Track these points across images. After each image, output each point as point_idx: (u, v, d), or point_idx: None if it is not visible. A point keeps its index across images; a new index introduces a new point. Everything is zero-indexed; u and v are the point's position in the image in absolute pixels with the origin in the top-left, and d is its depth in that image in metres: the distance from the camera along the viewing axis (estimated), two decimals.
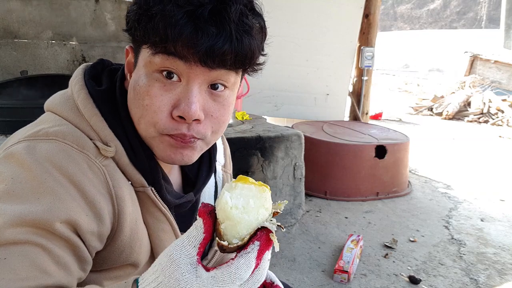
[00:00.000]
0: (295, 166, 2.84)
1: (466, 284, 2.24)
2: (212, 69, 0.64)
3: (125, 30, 0.69)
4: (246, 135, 2.65)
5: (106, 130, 0.69)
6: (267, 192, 0.54)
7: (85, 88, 0.72)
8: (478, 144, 5.87)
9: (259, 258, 0.51)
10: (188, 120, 0.65)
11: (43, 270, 0.57)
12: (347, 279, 2.17)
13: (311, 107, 4.57)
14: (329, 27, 4.36)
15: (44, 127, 0.67)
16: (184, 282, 0.49)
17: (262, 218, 0.52)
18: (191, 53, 0.61)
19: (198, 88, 0.65)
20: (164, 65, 0.64)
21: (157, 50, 0.63)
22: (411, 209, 3.27)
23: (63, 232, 0.60)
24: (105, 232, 0.67)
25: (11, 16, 3.07)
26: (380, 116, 7.50)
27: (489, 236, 2.85)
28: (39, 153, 0.63)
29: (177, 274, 0.49)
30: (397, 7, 44.75)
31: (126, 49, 0.74)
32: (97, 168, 0.66)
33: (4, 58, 3.08)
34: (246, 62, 0.65)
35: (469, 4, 41.32)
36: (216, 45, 0.60)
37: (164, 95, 0.65)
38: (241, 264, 0.50)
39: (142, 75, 0.67)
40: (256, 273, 0.52)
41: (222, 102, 0.69)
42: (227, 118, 0.72)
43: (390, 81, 13.68)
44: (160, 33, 0.61)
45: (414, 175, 4.20)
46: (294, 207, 2.89)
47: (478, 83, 9.16)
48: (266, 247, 0.52)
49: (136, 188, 0.72)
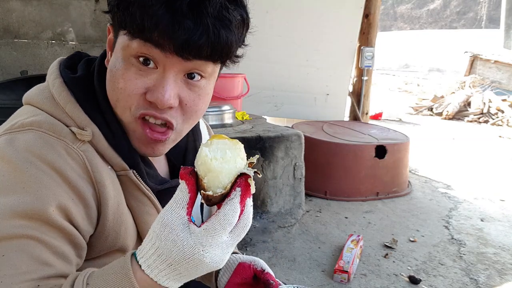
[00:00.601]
0: (295, 166, 2.84)
1: (466, 284, 2.24)
2: (188, 60, 0.64)
3: (105, 12, 0.69)
4: (246, 135, 2.65)
5: (81, 115, 0.69)
6: (240, 144, 0.58)
7: (59, 77, 0.72)
8: (478, 144, 5.87)
9: (242, 203, 0.54)
10: (160, 107, 0.65)
11: (43, 262, 0.58)
12: (347, 279, 2.17)
13: (311, 107, 4.57)
14: (329, 27, 4.36)
15: (19, 119, 0.67)
16: (180, 241, 0.52)
17: (240, 166, 0.56)
18: (167, 43, 0.61)
19: (174, 77, 0.66)
20: (141, 51, 0.64)
21: (134, 35, 0.63)
22: (411, 209, 3.27)
23: (57, 221, 0.60)
24: (93, 215, 0.68)
25: (11, 16, 3.07)
26: (380, 116, 7.50)
27: (489, 236, 2.85)
28: (17, 144, 0.63)
29: (172, 235, 0.53)
30: (397, 7, 44.75)
31: (108, 27, 0.73)
32: (75, 154, 0.66)
33: (4, 58, 3.08)
34: (223, 55, 0.65)
35: (469, 4, 41.32)
36: (192, 38, 0.60)
37: (139, 79, 0.65)
38: (227, 210, 0.53)
39: (119, 58, 0.67)
40: (243, 218, 0.55)
41: (197, 92, 0.69)
42: (201, 108, 0.72)
43: (390, 81, 13.68)
44: (137, 21, 0.61)
45: (414, 175, 4.20)
46: (294, 207, 2.89)
47: (478, 83, 9.16)
48: (247, 191, 0.55)
49: (118, 172, 0.72)
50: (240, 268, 0.84)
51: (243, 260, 0.85)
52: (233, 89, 3.28)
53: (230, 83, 3.26)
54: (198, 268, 0.54)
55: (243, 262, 0.85)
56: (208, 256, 0.53)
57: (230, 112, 2.88)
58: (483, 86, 9.00)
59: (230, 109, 2.90)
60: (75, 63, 0.78)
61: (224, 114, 2.84)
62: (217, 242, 0.53)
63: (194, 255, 0.52)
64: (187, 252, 0.52)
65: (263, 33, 4.08)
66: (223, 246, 0.54)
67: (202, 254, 0.52)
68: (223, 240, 0.54)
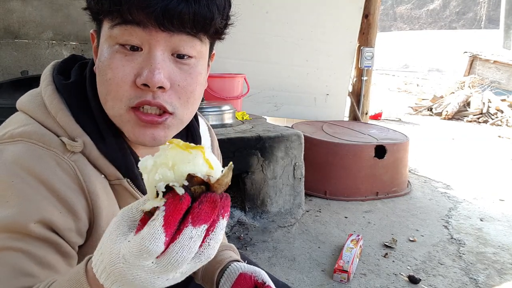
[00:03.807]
0: (295, 166, 2.85)
1: (466, 284, 2.25)
2: (172, 32, 0.62)
3: (84, 9, 0.68)
4: (246, 135, 2.65)
5: (72, 125, 0.67)
6: (195, 152, 0.45)
7: (52, 83, 0.71)
8: (478, 144, 5.88)
9: (168, 226, 0.41)
10: (152, 87, 0.63)
11: (26, 273, 0.57)
12: (346, 278, 2.18)
13: (311, 107, 4.58)
14: (329, 27, 4.36)
15: (9, 129, 0.66)
16: (114, 244, 0.44)
17: (170, 177, 0.43)
18: (146, 16, 0.60)
19: (161, 55, 0.63)
20: (123, 37, 0.62)
21: (114, 21, 0.62)
22: (411, 209, 3.28)
23: (39, 232, 0.59)
24: (83, 227, 0.66)
25: (12, 16, 3.08)
26: (379, 116, 7.51)
27: (489, 236, 2.85)
28: (5, 156, 0.62)
29: (114, 235, 0.45)
30: (396, 8, 44.75)
31: (91, 33, 0.72)
32: (66, 164, 0.65)
33: (5, 58, 3.08)
34: (206, 24, 0.63)
35: (468, 4, 41.33)
36: (171, 4, 0.59)
37: (126, 65, 0.63)
38: (144, 233, 0.41)
39: (104, 51, 0.65)
40: (172, 249, 0.42)
41: (188, 71, 0.67)
42: (196, 89, 0.69)
43: (389, 81, 13.70)
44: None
45: (414, 175, 4.20)
46: (294, 206, 2.89)
47: (478, 83, 9.17)
48: (175, 211, 0.41)
49: (112, 181, 0.70)
50: (241, 279, 0.83)
51: (244, 270, 0.85)
52: (233, 89, 3.29)
53: (230, 83, 3.27)
54: (124, 279, 0.44)
55: (244, 273, 0.84)
56: (129, 273, 0.43)
57: (230, 112, 2.89)
58: (482, 86, 9.01)
59: (230, 109, 2.90)
60: (70, 67, 0.77)
61: (224, 114, 2.84)
62: (138, 263, 0.42)
63: (117, 266, 0.44)
64: (114, 259, 0.44)
65: (263, 33, 4.09)
66: (146, 271, 0.43)
67: (124, 269, 0.43)
68: (145, 264, 0.42)
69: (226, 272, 0.87)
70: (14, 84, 2.68)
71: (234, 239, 2.58)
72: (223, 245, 0.98)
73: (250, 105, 4.02)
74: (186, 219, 0.42)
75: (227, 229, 2.61)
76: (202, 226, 0.42)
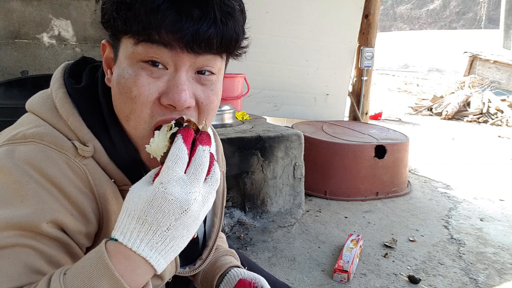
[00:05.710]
0: (295, 166, 2.85)
1: (466, 284, 2.25)
2: (199, 54, 0.62)
3: (101, 23, 0.66)
4: (246, 135, 2.65)
5: (83, 130, 0.68)
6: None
7: (63, 87, 0.71)
8: (478, 144, 5.88)
9: (186, 142, 0.57)
10: (178, 108, 0.64)
11: (35, 270, 0.57)
12: (346, 278, 2.18)
13: (311, 107, 4.58)
14: (329, 27, 4.37)
15: (22, 129, 0.66)
16: (143, 191, 0.56)
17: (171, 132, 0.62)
18: (175, 40, 0.60)
19: (186, 75, 0.64)
20: (148, 55, 0.62)
21: (140, 39, 0.61)
22: (411, 209, 3.28)
23: (51, 232, 0.60)
24: (92, 230, 0.67)
25: (12, 16, 3.08)
26: (379, 116, 7.51)
27: (489, 236, 2.85)
28: (18, 156, 0.62)
29: (137, 191, 0.57)
30: (396, 8, 44.73)
31: (102, 44, 0.71)
32: (77, 168, 0.65)
33: (5, 58, 3.08)
34: (231, 45, 0.64)
35: (468, 4, 41.32)
36: (202, 29, 0.59)
37: (152, 83, 0.63)
38: (172, 148, 0.56)
39: (126, 67, 0.64)
40: (196, 157, 0.57)
41: (210, 87, 0.68)
42: (216, 105, 0.71)
43: (389, 81, 13.70)
44: (142, 20, 0.59)
45: (414, 175, 4.20)
46: (294, 206, 2.89)
47: (478, 83, 9.18)
48: (188, 135, 0.58)
49: (120, 187, 0.71)
50: (240, 285, 0.84)
51: (244, 276, 0.85)
52: (233, 89, 3.28)
53: (230, 83, 3.27)
54: (164, 210, 0.53)
55: (244, 279, 0.84)
56: (168, 192, 0.53)
57: (230, 112, 2.89)
58: (482, 86, 9.01)
59: (230, 109, 2.90)
60: (81, 70, 0.76)
61: (224, 114, 2.84)
62: (173, 177, 0.54)
63: (156, 194, 0.54)
64: (149, 195, 0.54)
65: (263, 33, 4.09)
66: (181, 183, 0.54)
67: (163, 191, 0.53)
68: (179, 175, 0.55)
69: (225, 278, 0.87)
70: (14, 84, 2.68)
71: (234, 239, 2.58)
72: (223, 250, 0.99)
73: (250, 105, 4.02)
74: (195, 143, 0.58)
75: (227, 229, 2.62)
76: (206, 146, 0.58)
